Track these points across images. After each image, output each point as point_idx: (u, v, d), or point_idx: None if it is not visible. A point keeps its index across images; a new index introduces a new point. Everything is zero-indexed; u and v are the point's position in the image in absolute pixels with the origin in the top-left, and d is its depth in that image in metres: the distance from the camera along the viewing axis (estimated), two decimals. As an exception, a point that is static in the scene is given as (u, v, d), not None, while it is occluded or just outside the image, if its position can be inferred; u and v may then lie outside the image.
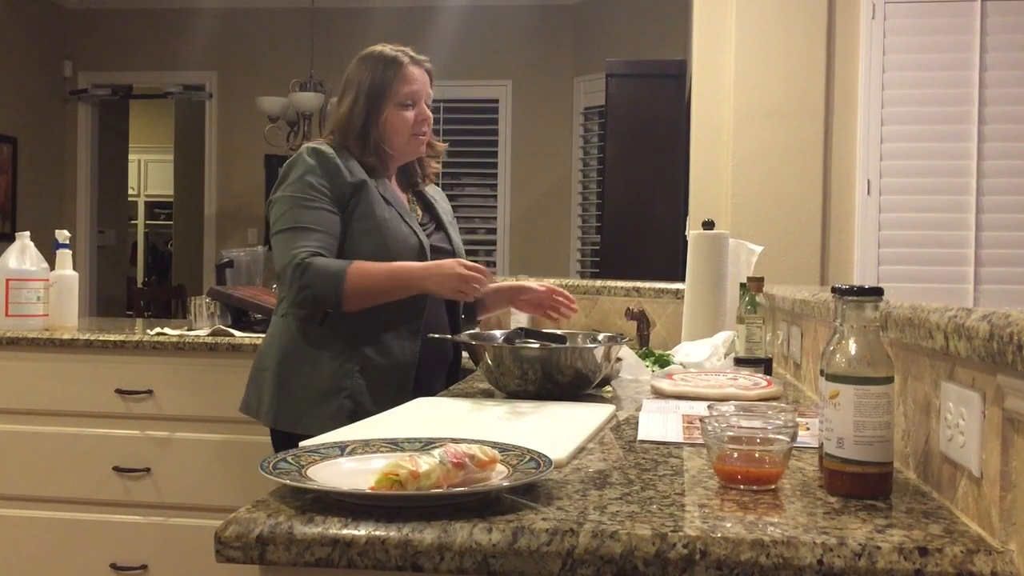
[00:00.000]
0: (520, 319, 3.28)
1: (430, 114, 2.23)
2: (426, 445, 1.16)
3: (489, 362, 1.80)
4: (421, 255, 2.12)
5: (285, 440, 2.04)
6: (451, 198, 2.55)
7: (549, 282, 2.69)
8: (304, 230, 2.03)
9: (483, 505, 0.99)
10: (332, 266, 2.02)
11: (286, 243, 2.04)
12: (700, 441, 1.27)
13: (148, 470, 2.92)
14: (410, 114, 2.17)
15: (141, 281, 10.43)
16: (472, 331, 2.20)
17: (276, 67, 6.83)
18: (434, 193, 2.38)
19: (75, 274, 3.16)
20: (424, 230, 2.21)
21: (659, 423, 1.54)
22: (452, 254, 2.24)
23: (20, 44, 6.79)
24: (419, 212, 2.28)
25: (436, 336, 2.08)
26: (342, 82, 2.23)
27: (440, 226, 2.29)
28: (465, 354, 2.66)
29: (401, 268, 2.05)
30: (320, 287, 2.00)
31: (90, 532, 2.95)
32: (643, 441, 1.40)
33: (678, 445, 1.37)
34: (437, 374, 2.24)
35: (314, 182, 2.06)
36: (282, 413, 2.13)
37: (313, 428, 1.84)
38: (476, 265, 2.03)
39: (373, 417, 1.56)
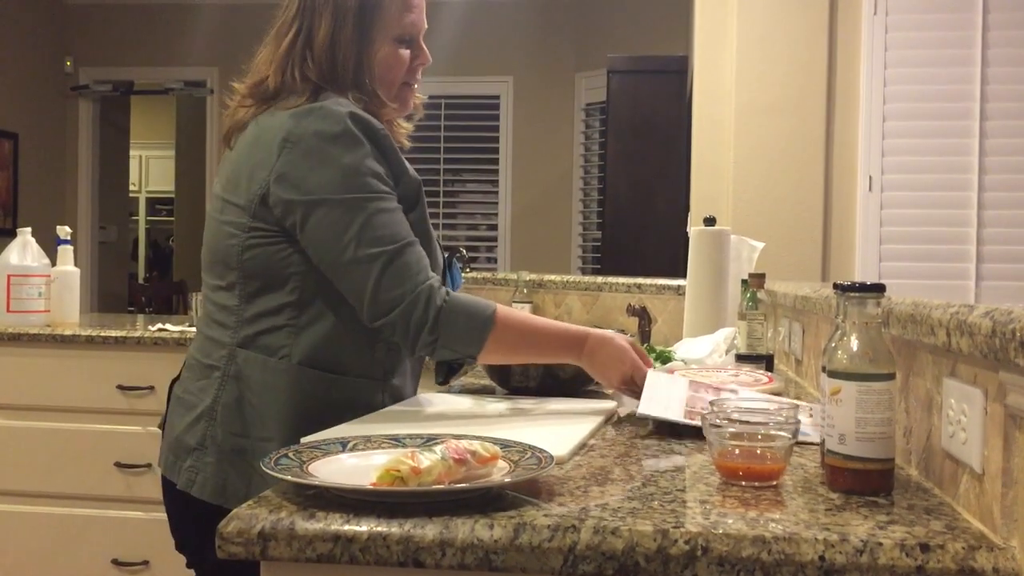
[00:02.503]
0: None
1: (430, 57, 1.59)
2: (428, 441, 1.16)
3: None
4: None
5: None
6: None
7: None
8: (409, 247, 1.39)
9: (485, 501, 0.99)
10: (472, 307, 1.41)
11: (398, 269, 1.38)
12: (698, 423, 1.26)
13: (149, 466, 2.91)
14: (406, 53, 1.54)
15: (142, 277, 10.43)
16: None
17: (277, 63, 6.81)
18: None
19: (76, 270, 3.17)
20: None
21: (663, 392, 1.52)
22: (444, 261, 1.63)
23: (21, 40, 6.78)
24: None
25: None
26: None
27: None
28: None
29: (556, 330, 1.48)
30: (460, 335, 1.40)
31: (91, 528, 2.95)
32: (642, 415, 1.42)
33: (679, 438, 1.37)
34: None
35: (380, 171, 1.41)
36: None
37: None
38: (640, 348, 1.54)
39: (373, 413, 1.55)
